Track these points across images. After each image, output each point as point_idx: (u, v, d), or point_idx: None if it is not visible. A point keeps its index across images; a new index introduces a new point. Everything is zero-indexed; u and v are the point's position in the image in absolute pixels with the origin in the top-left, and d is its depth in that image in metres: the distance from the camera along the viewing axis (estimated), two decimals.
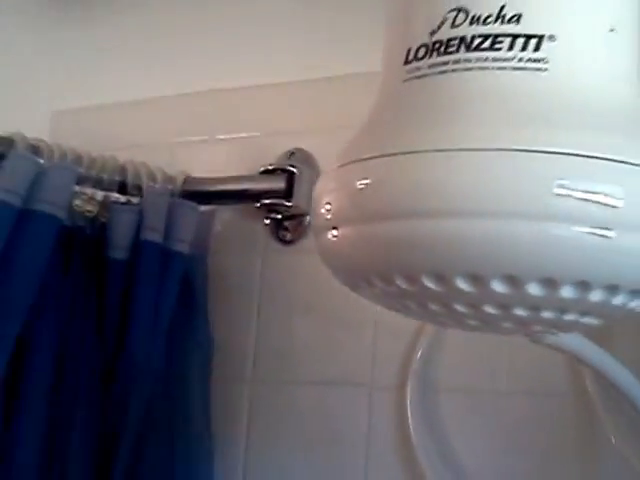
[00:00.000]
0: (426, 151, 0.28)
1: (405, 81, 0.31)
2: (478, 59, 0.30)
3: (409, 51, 0.32)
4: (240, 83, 0.79)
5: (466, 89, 0.30)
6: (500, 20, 0.30)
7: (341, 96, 0.74)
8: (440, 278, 0.29)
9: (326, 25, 0.77)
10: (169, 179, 0.73)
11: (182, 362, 0.72)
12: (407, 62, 0.31)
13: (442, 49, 0.30)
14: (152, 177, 0.74)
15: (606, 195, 0.28)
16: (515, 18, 0.30)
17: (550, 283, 0.29)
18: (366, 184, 0.29)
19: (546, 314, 0.32)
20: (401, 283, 0.30)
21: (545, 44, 0.30)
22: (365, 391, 0.73)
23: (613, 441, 0.61)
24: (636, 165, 0.29)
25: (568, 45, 0.30)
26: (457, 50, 0.30)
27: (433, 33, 0.31)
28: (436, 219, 0.28)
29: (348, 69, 0.74)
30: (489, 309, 0.30)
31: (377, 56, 0.35)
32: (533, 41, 0.30)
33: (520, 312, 0.31)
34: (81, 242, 0.69)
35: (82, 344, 0.66)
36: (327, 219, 0.31)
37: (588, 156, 0.28)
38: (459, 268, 0.29)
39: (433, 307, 0.31)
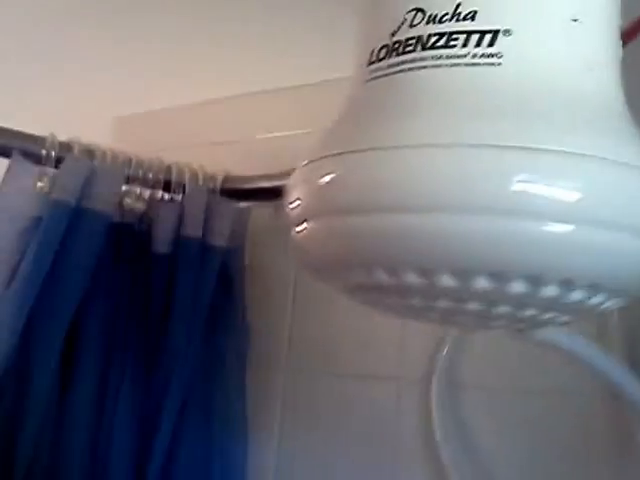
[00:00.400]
0: (383, 148, 0.29)
1: (367, 81, 0.33)
2: (433, 57, 0.31)
3: (372, 52, 0.33)
4: (275, 85, 0.82)
5: (421, 87, 0.31)
6: (456, 18, 0.31)
7: None
8: (393, 271, 0.30)
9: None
10: (210, 177, 0.77)
11: (220, 348, 0.76)
12: (370, 63, 0.33)
13: (400, 49, 0.32)
14: (194, 176, 0.79)
15: (563, 190, 0.28)
16: (470, 15, 0.31)
17: (503, 277, 0.30)
18: (327, 180, 0.31)
19: (503, 308, 0.32)
20: (358, 275, 0.32)
21: (500, 39, 0.30)
22: (394, 384, 0.75)
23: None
24: (595, 158, 0.29)
25: (524, 39, 0.30)
26: (414, 49, 0.31)
27: (393, 34, 0.32)
28: (394, 214, 0.29)
29: None
30: (442, 303, 0.31)
31: None
32: (488, 36, 0.30)
33: (476, 306, 0.32)
34: (130, 237, 0.75)
35: (128, 330, 0.71)
36: (296, 212, 0.33)
37: (543, 150, 0.28)
38: (413, 262, 0.30)
39: (391, 299, 0.33)
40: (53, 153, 0.68)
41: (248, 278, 0.77)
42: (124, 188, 0.76)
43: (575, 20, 0.31)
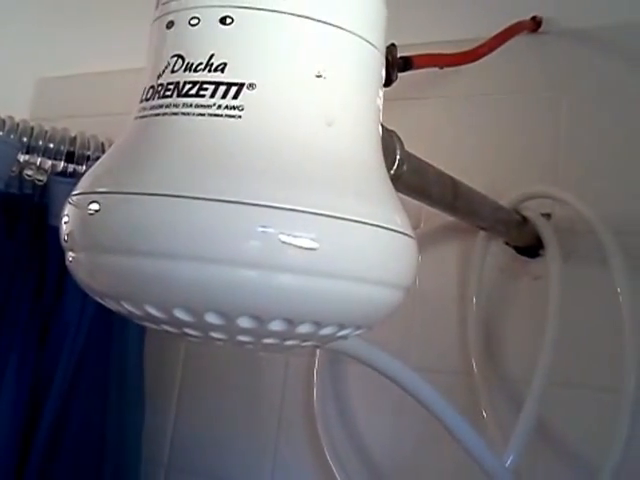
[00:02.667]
0: (129, 193, 0.31)
1: (135, 119, 0.34)
2: (185, 104, 0.32)
3: (144, 90, 0.34)
4: None
5: (170, 134, 0.32)
6: (208, 68, 0.32)
7: None
8: (139, 307, 0.33)
9: None
10: None
11: (119, 320, 0.78)
12: (141, 101, 0.34)
13: (161, 92, 0.33)
14: (99, 148, 0.80)
15: (289, 245, 0.30)
16: (221, 67, 0.32)
17: (258, 320, 0.32)
18: (83, 218, 0.33)
19: (268, 340, 0.35)
20: (110, 305, 0.34)
21: (244, 92, 0.31)
22: (282, 356, 0.80)
23: (484, 415, 0.66)
24: (329, 216, 0.30)
25: (266, 93, 0.31)
26: (171, 95, 0.32)
27: (159, 76, 0.33)
28: (136, 257, 0.31)
29: None
30: (191, 332, 0.34)
31: None
32: (233, 89, 0.31)
33: (247, 339, 0.34)
34: (28, 209, 0.76)
35: (20, 303, 0.73)
36: (64, 242, 0.36)
37: (277, 207, 0.30)
38: (155, 302, 0.32)
39: (168, 330, 0.35)
40: None
41: None
42: (25, 158, 0.77)
43: (319, 76, 0.32)
